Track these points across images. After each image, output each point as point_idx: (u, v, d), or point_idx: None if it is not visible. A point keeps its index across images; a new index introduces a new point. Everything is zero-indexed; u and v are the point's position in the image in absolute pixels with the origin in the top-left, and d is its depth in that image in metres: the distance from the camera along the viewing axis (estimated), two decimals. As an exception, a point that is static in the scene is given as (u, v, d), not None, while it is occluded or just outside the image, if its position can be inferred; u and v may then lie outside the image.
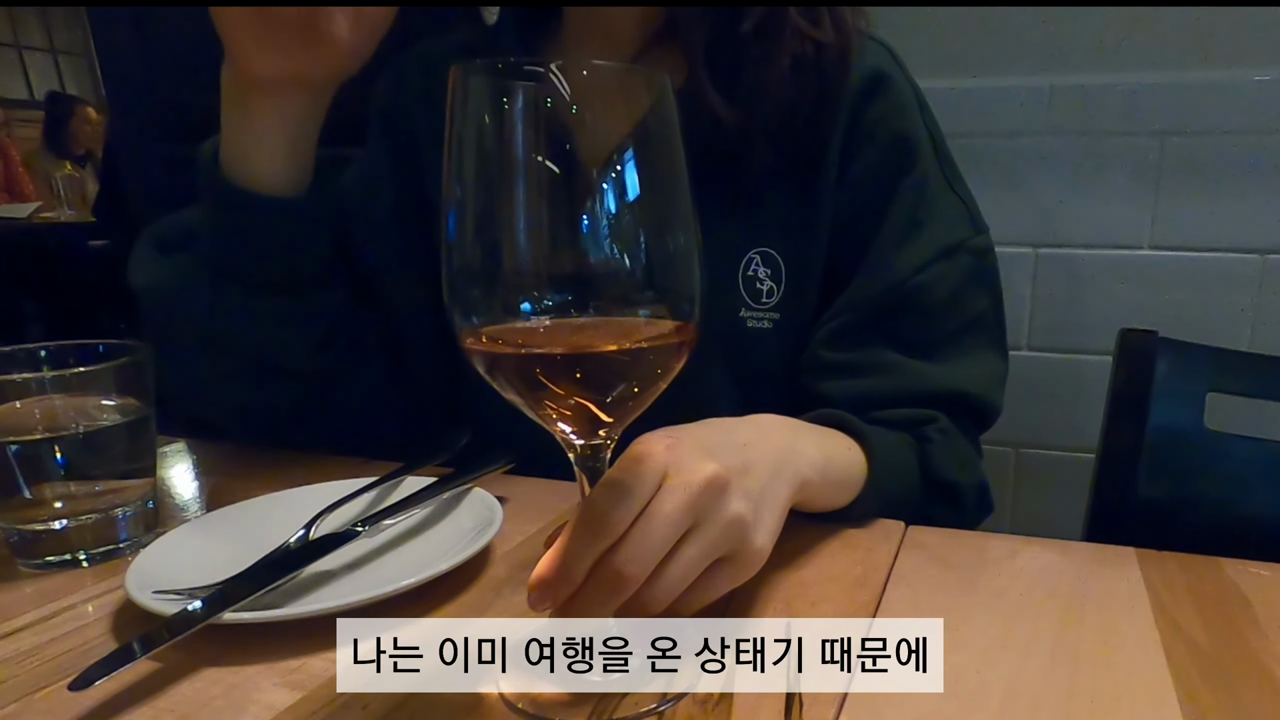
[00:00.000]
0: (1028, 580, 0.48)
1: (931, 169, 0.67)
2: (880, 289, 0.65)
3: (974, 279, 0.67)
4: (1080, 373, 1.20)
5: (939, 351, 0.67)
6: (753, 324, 0.67)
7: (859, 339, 0.66)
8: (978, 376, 0.67)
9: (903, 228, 0.66)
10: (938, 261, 0.65)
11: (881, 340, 0.66)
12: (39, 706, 0.37)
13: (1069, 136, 1.14)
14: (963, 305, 0.67)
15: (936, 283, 0.65)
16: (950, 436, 0.65)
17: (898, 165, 0.66)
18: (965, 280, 0.67)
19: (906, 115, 0.67)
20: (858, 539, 0.53)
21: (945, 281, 0.66)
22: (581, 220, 0.32)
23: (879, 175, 0.66)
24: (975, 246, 0.68)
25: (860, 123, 0.66)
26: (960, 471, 0.64)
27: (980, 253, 0.68)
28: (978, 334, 0.68)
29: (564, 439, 0.36)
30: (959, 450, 0.65)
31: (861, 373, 0.65)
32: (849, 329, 0.66)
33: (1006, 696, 0.37)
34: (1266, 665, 0.40)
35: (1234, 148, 1.09)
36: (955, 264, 0.66)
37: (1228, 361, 0.80)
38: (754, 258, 0.67)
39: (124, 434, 0.51)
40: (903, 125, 0.67)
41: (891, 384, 0.65)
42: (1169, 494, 0.79)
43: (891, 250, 0.65)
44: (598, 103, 0.32)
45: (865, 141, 0.66)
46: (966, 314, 0.67)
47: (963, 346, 0.67)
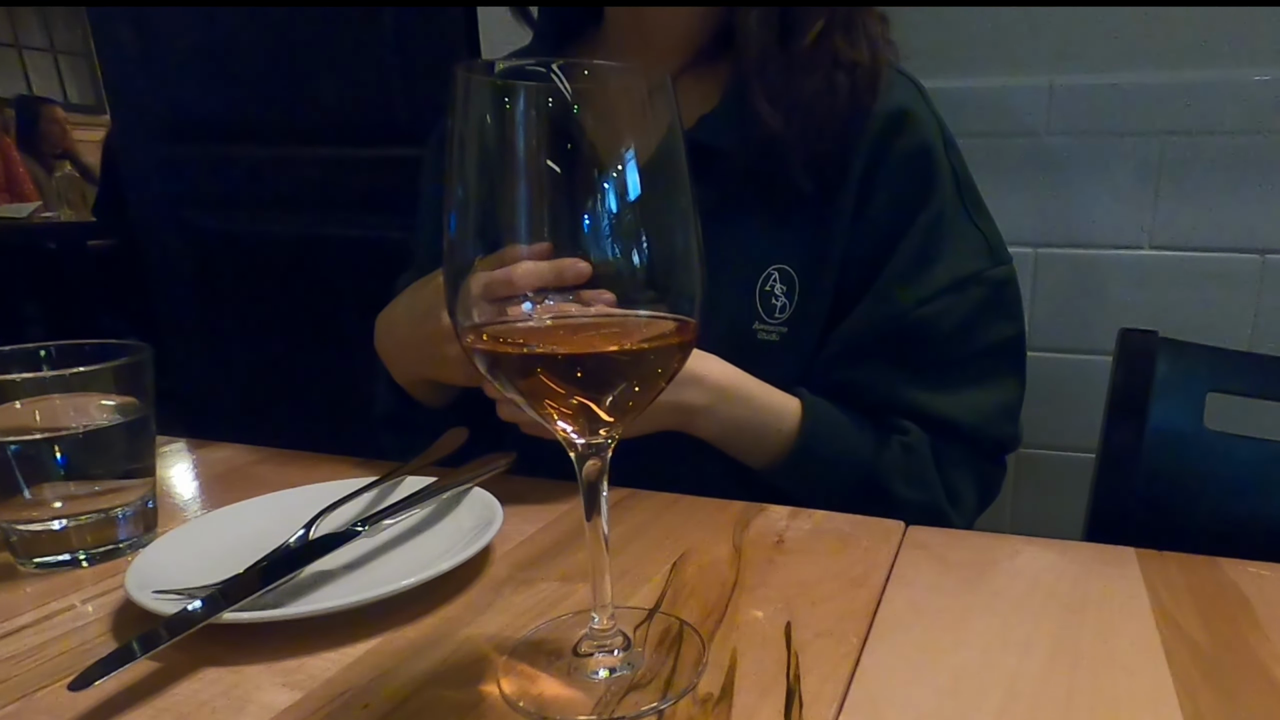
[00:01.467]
0: (1028, 580, 0.48)
1: (950, 203, 0.68)
2: (883, 318, 0.67)
3: (988, 310, 0.68)
4: (1080, 373, 1.20)
5: (940, 380, 0.68)
6: (763, 336, 0.69)
7: (860, 362, 0.68)
8: (978, 407, 0.68)
9: (912, 261, 0.67)
10: (946, 294, 0.67)
11: (882, 364, 0.67)
12: (39, 706, 0.37)
13: (1069, 136, 1.14)
14: (971, 336, 0.68)
15: (942, 315, 0.67)
16: (913, 452, 0.66)
17: (915, 200, 0.67)
18: (977, 311, 0.68)
19: (929, 152, 0.68)
20: (858, 539, 0.53)
21: (952, 314, 0.67)
22: (583, 220, 0.32)
23: (896, 209, 0.67)
24: (992, 278, 0.69)
25: (884, 157, 0.67)
26: (905, 484, 0.65)
27: (998, 284, 0.69)
28: (987, 364, 0.69)
29: (565, 438, 0.36)
30: (914, 464, 0.66)
31: (855, 392, 0.67)
32: (851, 352, 0.68)
33: (1006, 696, 0.37)
34: (1266, 665, 0.40)
35: (1234, 148, 1.09)
36: (966, 296, 0.67)
37: (1228, 361, 0.80)
38: (773, 274, 0.68)
39: (124, 434, 0.51)
40: (924, 162, 0.68)
41: (885, 406, 0.68)
42: (1169, 494, 0.79)
43: (897, 283, 0.67)
44: (599, 102, 0.32)
45: (887, 176, 0.67)
46: (975, 344, 0.68)
47: (967, 376, 0.68)
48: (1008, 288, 0.70)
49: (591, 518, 0.37)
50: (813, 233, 0.68)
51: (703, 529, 0.54)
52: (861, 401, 0.67)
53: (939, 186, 0.68)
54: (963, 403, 0.68)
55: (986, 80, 1.15)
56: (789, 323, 0.69)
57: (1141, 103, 1.10)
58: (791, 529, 0.54)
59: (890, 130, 0.67)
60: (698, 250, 0.34)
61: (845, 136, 0.66)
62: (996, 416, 0.70)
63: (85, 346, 0.52)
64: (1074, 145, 1.14)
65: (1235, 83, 1.07)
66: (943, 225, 0.68)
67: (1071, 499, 1.19)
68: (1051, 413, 1.23)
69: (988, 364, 0.69)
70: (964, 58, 1.16)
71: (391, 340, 0.68)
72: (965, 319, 0.67)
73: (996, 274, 0.69)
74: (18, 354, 0.51)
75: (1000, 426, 0.70)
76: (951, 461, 0.68)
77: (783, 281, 0.68)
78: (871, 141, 0.67)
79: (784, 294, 0.68)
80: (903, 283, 0.67)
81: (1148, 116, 1.10)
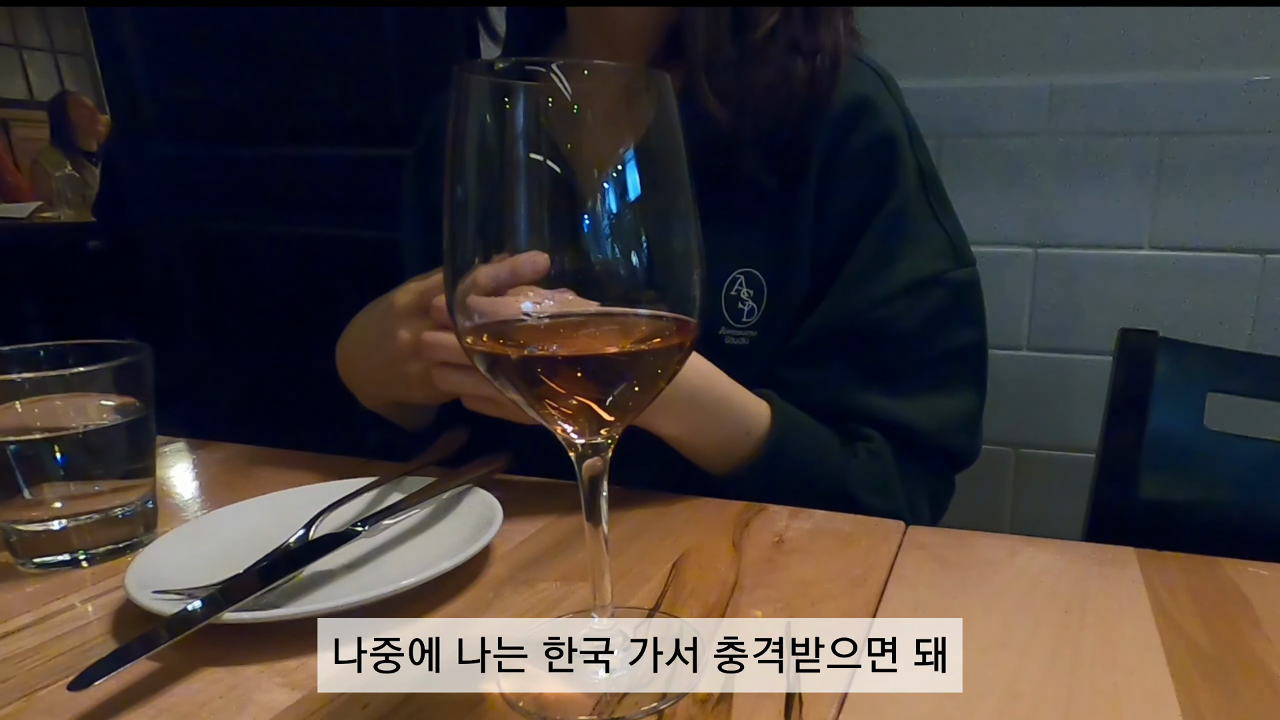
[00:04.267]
0: (1028, 580, 0.48)
1: (914, 200, 0.66)
2: (841, 317, 0.65)
3: (949, 313, 0.66)
4: (1080, 373, 1.20)
5: (897, 383, 0.66)
6: (731, 341, 0.67)
7: (817, 361, 0.66)
8: (936, 413, 0.66)
9: (871, 259, 0.65)
10: (907, 295, 0.65)
11: (840, 365, 0.66)
12: (39, 706, 0.37)
13: (1069, 136, 1.14)
14: (930, 340, 0.66)
15: (903, 315, 0.65)
16: (879, 460, 0.64)
17: (876, 194, 0.66)
18: (937, 314, 0.66)
19: (892, 143, 0.66)
20: (858, 539, 0.53)
21: (912, 314, 0.65)
22: (583, 220, 0.32)
23: (857, 206, 0.66)
24: (954, 280, 0.67)
25: (842, 150, 0.65)
26: (871, 493, 0.63)
27: (959, 287, 0.67)
28: (946, 370, 0.67)
29: (565, 438, 0.36)
30: (880, 472, 0.64)
31: (812, 393, 0.65)
32: (808, 350, 0.66)
33: (1006, 696, 0.37)
34: (1266, 665, 0.40)
35: (1234, 148, 1.09)
36: (926, 298, 0.65)
37: (1228, 361, 0.80)
38: (739, 277, 0.67)
39: (124, 434, 0.51)
40: (886, 154, 0.66)
41: (840, 406, 0.65)
42: (1169, 494, 0.79)
43: (857, 283, 0.65)
44: (599, 102, 0.32)
45: (846, 166, 0.66)
46: (934, 349, 0.66)
47: (924, 381, 0.66)
48: (969, 291, 0.68)
49: (591, 518, 0.37)
50: (778, 233, 0.66)
51: (703, 529, 0.54)
52: (816, 401, 0.65)
53: (900, 180, 0.66)
54: (919, 407, 0.66)
55: (987, 80, 1.15)
56: (757, 326, 0.67)
57: (1141, 103, 1.10)
58: (791, 529, 0.54)
59: (849, 120, 0.65)
60: (698, 250, 0.34)
61: (803, 127, 0.64)
62: (955, 425, 0.67)
63: (85, 346, 0.52)
64: (1074, 145, 1.14)
65: (1235, 83, 1.07)
66: (904, 222, 0.66)
67: (1071, 499, 1.18)
68: (1051, 413, 1.23)
69: (946, 370, 0.67)
70: (965, 58, 1.16)
71: (351, 367, 0.67)
72: (924, 322, 0.65)
73: (959, 276, 0.67)
74: (18, 354, 0.51)
75: (957, 435, 0.68)
76: (908, 468, 0.66)
77: (749, 285, 0.67)
78: (830, 131, 0.65)
79: (751, 298, 0.67)
80: (860, 281, 0.65)
81: (1148, 116, 1.10)
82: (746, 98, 0.63)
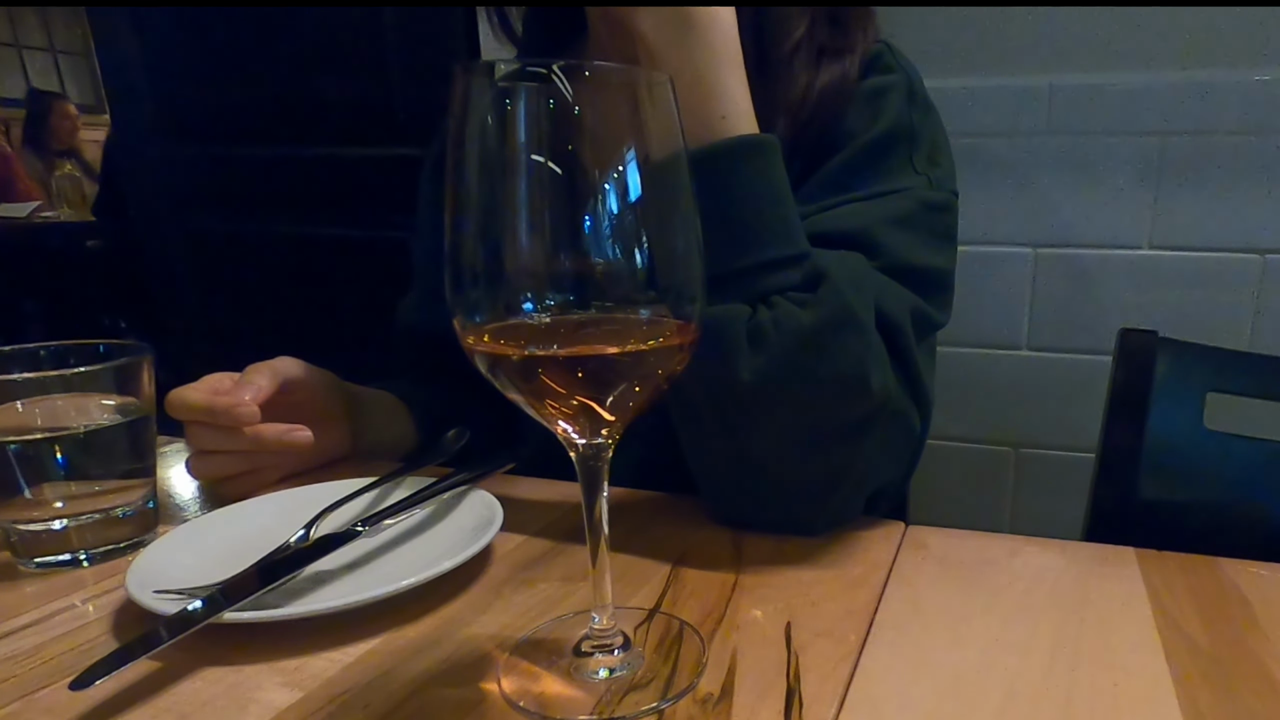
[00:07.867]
0: (1028, 580, 0.48)
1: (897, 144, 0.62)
2: None
3: (908, 222, 0.58)
4: (1080, 373, 1.20)
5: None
6: None
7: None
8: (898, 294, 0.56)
9: (826, 179, 0.60)
10: (856, 201, 0.59)
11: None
12: (39, 706, 0.37)
13: (1069, 136, 1.14)
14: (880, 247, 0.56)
15: (845, 217, 0.57)
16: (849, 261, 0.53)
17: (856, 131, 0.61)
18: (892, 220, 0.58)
19: (884, 91, 0.63)
20: (858, 539, 0.53)
21: (858, 216, 0.57)
22: (583, 220, 0.32)
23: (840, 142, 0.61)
24: (922, 197, 0.60)
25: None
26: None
27: (928, 204, 0.60)
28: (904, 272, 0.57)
29: (565, 438, 0.36)
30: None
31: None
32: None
33: (1006, 696, 0.37)
34: (1266, 665, 0.40)
35: (1234, 148, 1.09)
36: (880, 203, 0.59)
37: (1228, 361, 0.80)
38: None
39: (124, 434, 0.51)
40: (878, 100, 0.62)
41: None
42: (1169, 494, 0.79)
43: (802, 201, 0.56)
44: (600, 103, 0.32)
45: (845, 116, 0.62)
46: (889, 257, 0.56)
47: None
48: (944, 213, 0.61)
49: (591, 518, 0.37)
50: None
51: (703, 529, 0.54)
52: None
53: (882, 120, 0.62)
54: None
55: (986, 80, 1.15)
56: None
57: (1141, 103, 1.10)
58: (791, 529, 0.54)
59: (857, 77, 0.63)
60: (698, 251, 0.34)
61: (826, 133, 0.62)
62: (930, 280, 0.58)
63: (85, 346, 0.52)
64: (1074, 145, 1.14)
65: (1235, 83, 1.07)
66: (875, 155, 0.61)
67: (1071, 499, 1.19)
68: (1051, 413, 1.23)
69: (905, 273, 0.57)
70: (964, 58, 1.16)
71: None
72: (872, 225, 0.57)
73: (929, 196, 0.60)
74: (18, 354, 0.51)
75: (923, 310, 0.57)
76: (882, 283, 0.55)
77: None
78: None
79: None
80: (806, 200, 0.58)
81: (1148, 116, 1.10)
82: (772, 116, 0.59)
